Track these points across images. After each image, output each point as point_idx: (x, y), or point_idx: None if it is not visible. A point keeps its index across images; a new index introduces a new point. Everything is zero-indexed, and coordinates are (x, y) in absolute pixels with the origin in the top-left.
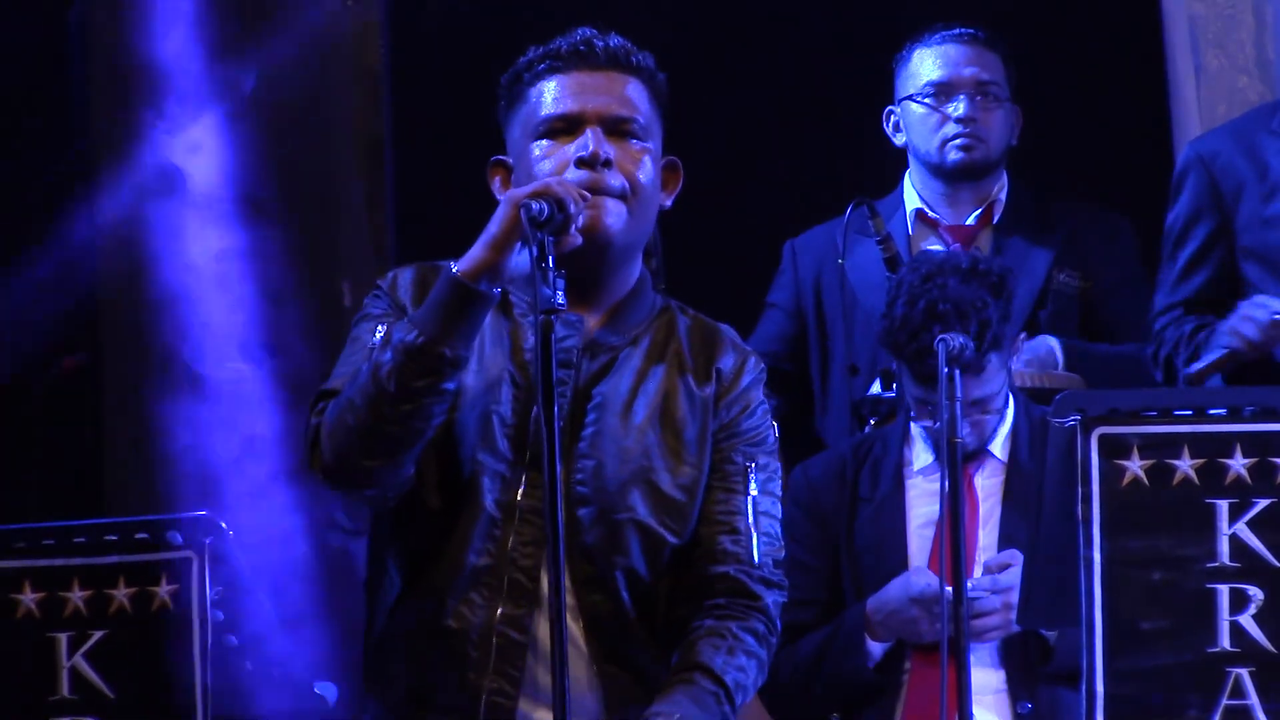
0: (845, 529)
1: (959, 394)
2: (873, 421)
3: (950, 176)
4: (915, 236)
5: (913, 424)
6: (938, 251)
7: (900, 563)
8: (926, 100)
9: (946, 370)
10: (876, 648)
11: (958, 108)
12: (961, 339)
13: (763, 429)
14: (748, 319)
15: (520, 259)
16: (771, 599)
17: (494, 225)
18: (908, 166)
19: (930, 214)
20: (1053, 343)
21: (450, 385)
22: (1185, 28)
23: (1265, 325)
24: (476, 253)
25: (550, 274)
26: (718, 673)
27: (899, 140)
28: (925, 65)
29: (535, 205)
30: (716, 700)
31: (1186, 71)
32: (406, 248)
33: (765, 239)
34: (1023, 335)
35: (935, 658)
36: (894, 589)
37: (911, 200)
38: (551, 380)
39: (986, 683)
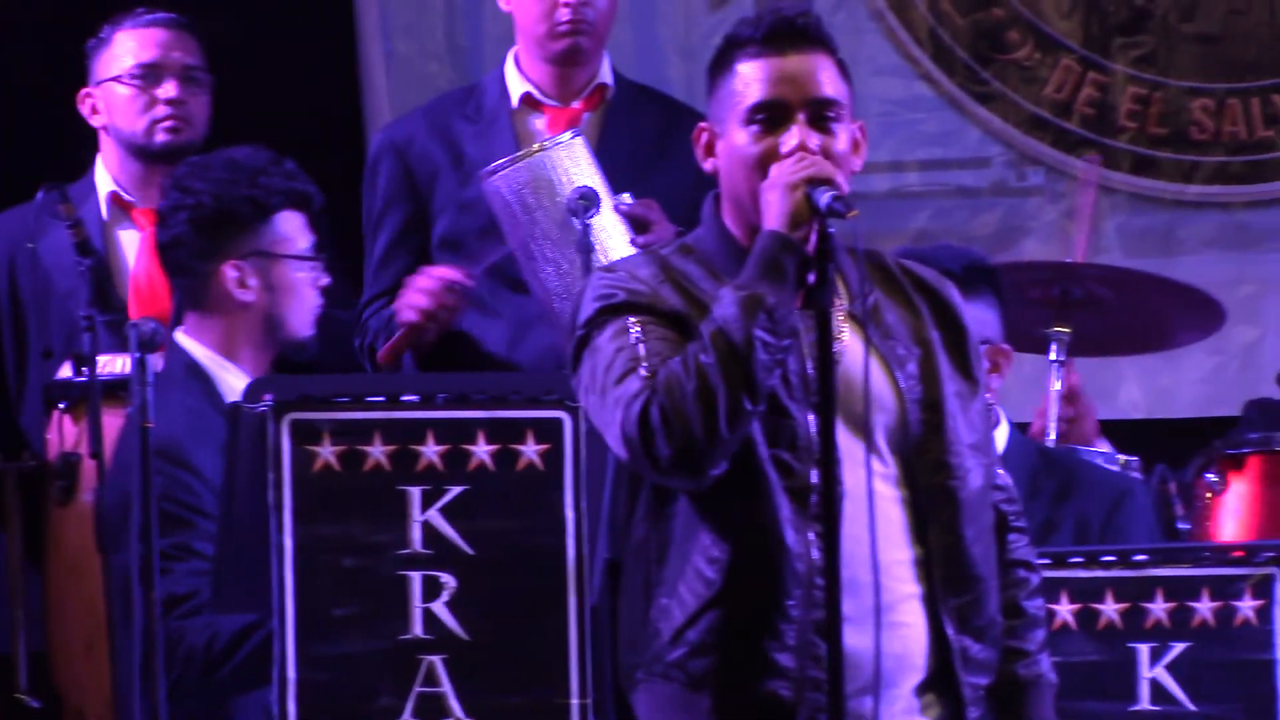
0: None
1: (149, 376)
2: (62, 406)
3: (154, 158)
4: (110, 222)
5: None
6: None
7: None
8: (134, 82)
9: (138, 355)
10: None
11: (168, 90)
12: (153, 324)
13: None
14: None
15: None
16: None
17: None
18: (100, 150)
19: (125, 197)
20: None
21: None
22: (376, 13)
23: (436, 290)
24: None
25: None
26: None
27: (97, 122)
28: (130, 47)
29: None
30: None
31: (377, 57)
32: None
33: None
34: None
35: None
36: None
37: (105, 184)
38: None
39: None
